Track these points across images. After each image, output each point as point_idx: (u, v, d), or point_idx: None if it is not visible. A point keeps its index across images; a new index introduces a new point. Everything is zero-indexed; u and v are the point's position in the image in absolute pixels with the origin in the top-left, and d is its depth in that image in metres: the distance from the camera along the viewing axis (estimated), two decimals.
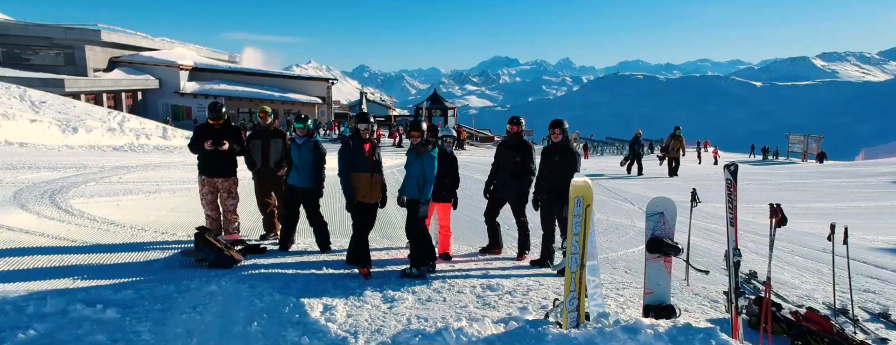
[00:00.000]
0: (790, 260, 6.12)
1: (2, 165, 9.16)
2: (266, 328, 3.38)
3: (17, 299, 3.55)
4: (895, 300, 4.75)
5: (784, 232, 7.32)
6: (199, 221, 5.55)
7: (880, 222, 8.40)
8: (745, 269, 4.97)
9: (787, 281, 5.18)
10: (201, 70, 38.65)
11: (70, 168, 9.28)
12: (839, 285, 4.58)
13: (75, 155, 11.65)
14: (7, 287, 3.82)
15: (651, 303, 3.51)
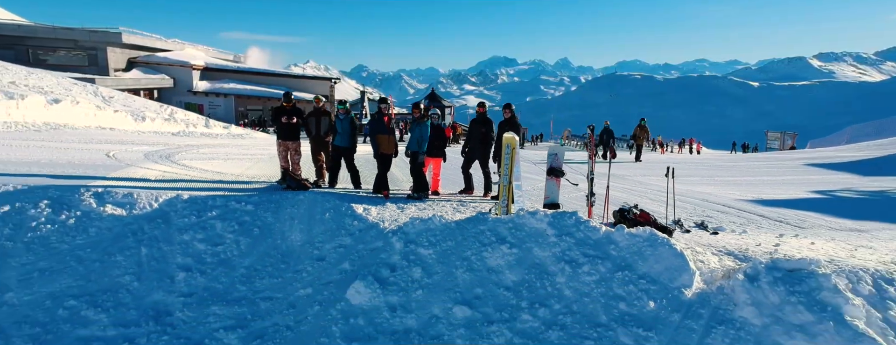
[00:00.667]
0: (669, 202, 8.83)
1: (113, 140, 12.09)
2: (332, 216, 6.09)
3: (205, 198, 6.30)
4: (719, 221, 7.48)
5: (684, 190, 10.05)
6: (269, 174, 8.23)
7: (766, 188, 11.13)
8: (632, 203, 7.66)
9: (656, 209, 7.89)
10: (212, 70, 41.34)
11: (157, 145, 12.08)
12: (688, 211, 7.33)
13: (151, 137, 14.41)
14: (194, 194, 6.51)
15: (547, 203, 6.21)
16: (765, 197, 9.76)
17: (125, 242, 5.41)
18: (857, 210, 8.78)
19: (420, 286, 5.34)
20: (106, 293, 4.93)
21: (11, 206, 5.50)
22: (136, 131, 14.29)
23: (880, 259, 5.67)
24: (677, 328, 4.87)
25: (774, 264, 5.12)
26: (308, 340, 4.89)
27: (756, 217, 7.98)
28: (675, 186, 10.72)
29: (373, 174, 7.76)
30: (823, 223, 7.77)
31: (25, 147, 9.61)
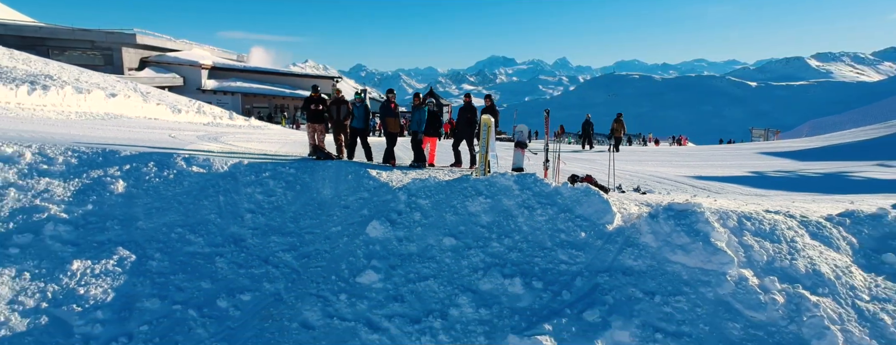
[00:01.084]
0: (620, 175, 10.93)
1: (164, 127, 14.23)
2: (353, 178, 8.18)
3: (259, 164, 8.39)
4: (654, 188, 9.58)
5: (641, 169, 12.16)
6: (299, 152, 10.31)
7: (709, 169, 13.27)
8: (580, 174, 9.75)
9: (606, 179, 10.00)
10: (219, 69, 43.38)
11: (199, 131, 14.15)
12: (633, 182, 9.43)
13: (190, 125, 16.42)
14: (250, 160, 8.57)
15: (514, 167, 8.32)
16: (703, 174, 11.89)
17: (208, 192, 7.48)
18: (771, 183, 10.90)
19: (419, 225, 7.44)
20: (199, 225, 7.00)
21: (131, 165, 7.56)
22: (175, 121, 16.28)
23: (755, 209, 7.78)
24: (599, 250, 6.98)
25: (669, 206, 7.24)
26: (340, 259, 6.98)
27: (686, 186, 10.09)
28: (636, 167, 12.86)
29: (381, 153, 9.89)
30: (737, 191, 9.87)
31: (112, 129, 11.66)
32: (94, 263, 6.08)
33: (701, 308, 6.23)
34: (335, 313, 6.23)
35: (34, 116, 11.45)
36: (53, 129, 10.34)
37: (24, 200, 6.58)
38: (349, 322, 6.15)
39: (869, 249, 7.04)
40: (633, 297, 6.32)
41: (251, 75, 44.40)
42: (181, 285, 6.21)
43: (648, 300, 6.29)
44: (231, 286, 6.37)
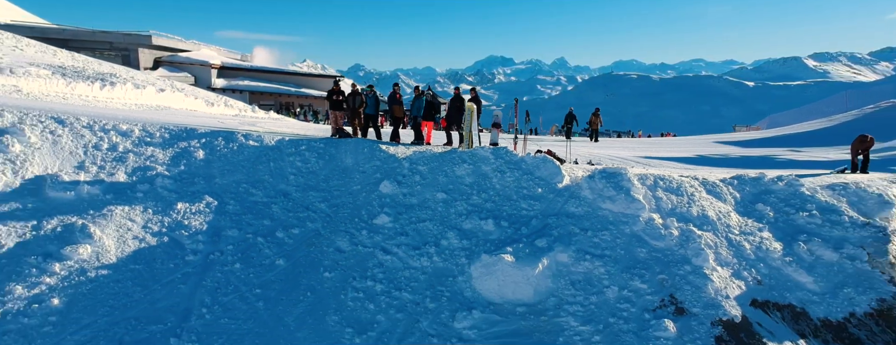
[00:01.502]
0: (583, 154, 13.53)
1: (207, 116, 16.68)
2: (368, 151, 10.79)
3: (296, 140, 10.96)
4: (605, 163, 12.18)
5: (603, 152, 14.75)
6: (322, 135, 12.88)
7: (662, 152, 15.88)
8: (543, 149, 12.33)
9: (566, 155, 12.60)
10: (227, 69, 45.86)
11: (237, 120, 16.49)
12: (590, 158, 12.05)
13: (223, 116, 18.82)
14: (288, 138, 11.12)
15: (491, 142, 10.92)
16: (653, 155, 14.51)
17: (262, 159, 10.05)
18: (705, 162, 13.51)
19: (418, 184, 10.02)
20: (257, 182, 9.57)
21: (206, 140, 10.12)
22: (211, 113, 18.71)
23: (671, 174, 10.39)
24: (551, 201, 9.58)
25: (603, 170, 9.85)
26: (360, 207, 9.56)
27: (631, 162, 12.70)
28: (601, 150, 15.46)
29: (387, 135, 12.51)
30: (672, 166, 12.48)
31: (173, 117, 14.11)
32: (191, 205, 8.65)
33: (619, 239, 8.83)
34: (359, 242, 8.82)
35: (108, 106, 13.88)
36: (134, 115, 12.82)
37: (139, 162, 9.14)
38: (369, 248, 8.74)
39: (747, 201, 9.65)
40: (572, 232, 8.91)
41: (257, 74, 46.88)
42: (250, 222, 8.80)
43: (582, 234, 8.88)
44: (284, 224, 8.96)
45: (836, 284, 8.35)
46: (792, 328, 7.88)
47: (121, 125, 9.79)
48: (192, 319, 7.07)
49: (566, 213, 9.30)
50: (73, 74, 15.08)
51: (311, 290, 7.90)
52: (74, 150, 8.88)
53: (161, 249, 7.80)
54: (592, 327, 7.60)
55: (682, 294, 8.00)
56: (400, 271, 8.35)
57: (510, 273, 8.16)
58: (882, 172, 12.73)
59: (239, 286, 7.73)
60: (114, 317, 6.72)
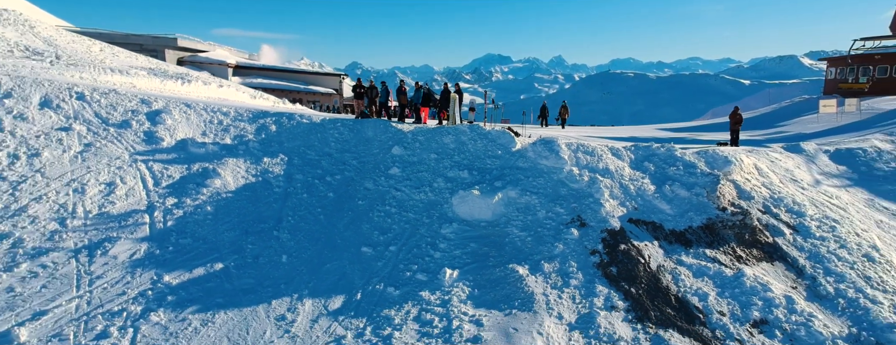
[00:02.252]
0: (542, 134, 18.42)
1: (253, 108, 21.40)
2: (383, 127, 15.72)
3: (331, 119, 15.86)
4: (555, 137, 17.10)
5: (557, 133, 19.60)
6: (349, 116, 17.75)
7: (609, 134, 20.73)
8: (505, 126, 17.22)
9: (527, 133, 17.49)
10: (241, 67, 50.62)
11: (279, 107, 21.24)
12: (547, 134, 16.99)
13: (267, 105, 23.53)
14: (326, 118, 16.00)
15: (468, 121, 15.79)
16: (594, 135, 19.38)
17: (312, 132, 14.88)
18: (633, 140, 18.39)
19: (418, 148, 14.89)
20: (310, 146, 14.41)
21: (274, 118, 14.97)
22: (256, 103, 23.32)
23: (590, 142, 15.28)
24: (506, 159, 14.49)
25: (542, 138, 14.75)
26: (379, 163, 14.42)
27: (573, 139, 17.61)
28: (559, 132, 20.32)
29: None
30: (605, 143, 17.36)
31: (244, 104, 18.91)
32: (271, 159, 13.50)
33: (549, 183, 13.71)
34: (380, 184, 13.68)
35: (195, 97, 18.60)
36: (222, 103, 17.57)
37: (237, 131, 14.00)
38: (385, 188, 13.59)
39: (638, 160, 14.54)
40: (519, 178, 13.78)
41: (270, 73, 51.68)
42: (309, 171, 13.66)
43: (526, 179, 13.76)
44: (330, 172, 13.81)
45: (684, 209, 13.24)
46: (651, 235, 12.74)
47: (222, 108, 14.61)
48: (283, 222, 11.91)
49: (516, 166, 14.18)
50: (161, 74, 19.83)
51: (351, 210, 12.76)
52: (199, 123, 13.70)
53: (258, 184, 12.64)
54: (527, 233, 12.47)
55: (585, 215, 12.87)
56: (407, 201, 13.21)
57: (477, 202, 13.03)
58: (758, 146, 17.66)
59: (307, 207, 12.58)
60: (241, 218, 11.56)
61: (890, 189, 15.42)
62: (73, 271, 9.16)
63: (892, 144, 17.37)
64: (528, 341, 9.69)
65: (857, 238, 12.96)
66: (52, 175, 10.70)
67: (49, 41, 20.11)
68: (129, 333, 8.53)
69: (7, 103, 12.03)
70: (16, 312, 8.26)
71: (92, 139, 12.02)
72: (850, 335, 10.68)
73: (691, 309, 11.14)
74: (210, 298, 9.69)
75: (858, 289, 11.62)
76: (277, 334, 9.21)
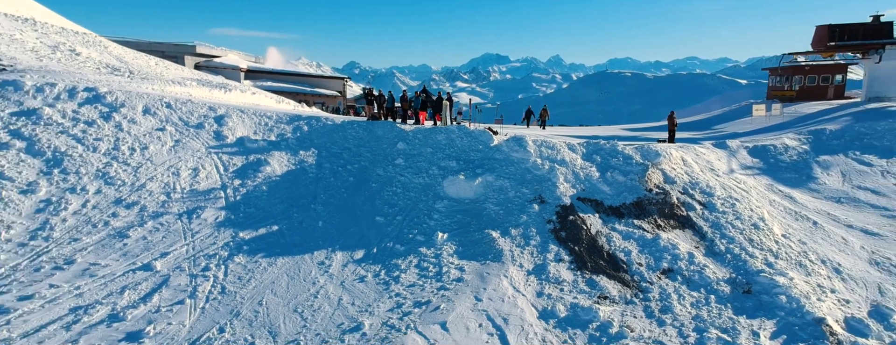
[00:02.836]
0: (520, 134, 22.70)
1: (289, 112, 25.65)
2: (389, 127, 20.05)
3: (350, 122, 20.18)
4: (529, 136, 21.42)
5: (535, 133, 23.91)
6: (361, 118, 22.00)
7: (578, 132, 24.99)
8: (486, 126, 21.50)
9: (505, 132, 21.78)
10: (252, 71, 54.78)
11: (305, 111, 25.49)
12: (522, 134, 21.37)
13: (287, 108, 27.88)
14: (345, 120, 20.30)
15: (457, 123, 20.08)
16: (566, 133, 23.65)
17: (335, 131, 19.09)
18: (595, 137, 22.70)
19: (417, 144, 19.18)
20: (334, 142, 18.64)
21: (305, 120, 19.19)
22: (284, 108, 27.43)
23: (552, 140, 19.57)
24: (486, 152, 18.81)
25: (514, 136, 19.04)
26: (386, 155, 18.69)
27: (543, 136, 21.91)
28: (538, 132, 24.64)
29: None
30: (566, 140, 21.65)
31: (277, 108, 23.10)
32: (306, 152, 17.74)
33: (518, 170, 17.98)
34: (388, 171, 17.95)
35: (236, 105, 22.72)
36: (263, 108, 21.74)
37: (278, 131, 18.24)
38: (392, 174, 17.85)
39: (589, 153, 18.82)
40: (495, 167, 18.05)
41: (279, 76, 55.85)
42: (334, 161, 17.92)
43: (500, 168, 18.03)
44: (350, 162, 18.07)
45: (621, 191, 17.51)
46: (593, 209, 16.97)
47: (266, 113, 18.85)
48: (317, 199, 16.15)
49: (493, 158, 18.45)
50: (207, 84, 24.03)
51: (367, 190, 17.01)
52: (250, 125, 17.95)
53: (297, 170, 16.89)
54: (500, 208, 16.72)
55: (545, 194, 17.13)
56: (409, 184, 17.46)
57: (462, 185, 17.28)
58: (694, 143, 21.94)
59: (334, 188, 16.83)
60: (286, 195, 15.81)
61: (788, 176, 19.74)
62: (180, 227, 13.39)
63: (798, 141, 21.69)
64: (496, 281, 13.93)
65: (750, 212, 17.24)
66: (157, 162, 14.91)
67: (120, 59, 24.27)
68: (222, 268, 12.76)
69: (122, 111, 16.19)
70: (151, 251, 12.48)
71: (179, 137, 16.22)
72: (730, 278, 14.94)
73: (618, 261, 15.40)
74: (271, 248, 13.95)
75: (742, 248, 15.89)
76: (319, 273, 13.46)
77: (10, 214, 12.01)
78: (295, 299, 12.39)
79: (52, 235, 11.90)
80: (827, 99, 29.38)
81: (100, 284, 11.34)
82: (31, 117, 14.72)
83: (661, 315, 13.76)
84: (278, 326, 11.52)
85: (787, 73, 30.96)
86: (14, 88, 15.42)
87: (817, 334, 13.30)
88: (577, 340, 12.74)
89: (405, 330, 11.75)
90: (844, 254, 16.39)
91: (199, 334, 10.86)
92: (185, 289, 11.88)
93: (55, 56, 20.74)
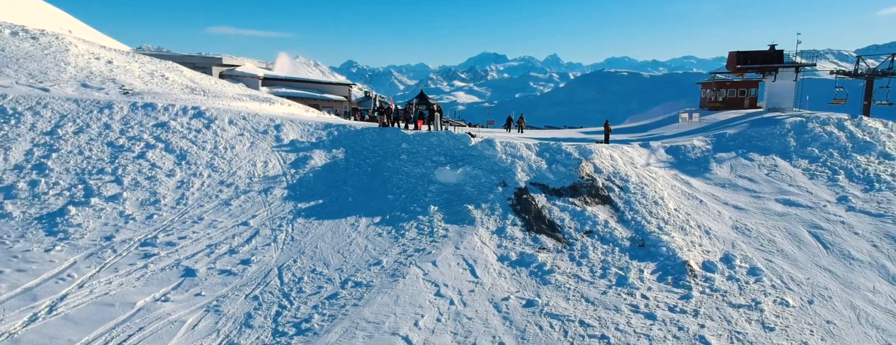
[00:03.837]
0: (498, 137, 30.04)
1: (323, 121, 32.94)
2: (396, 132, 27.44)
3: (365, 128, 27.60)
4: (504, 138, 28.80)
5: (509, 136, 31.25)
6: (373, 126, 29.27)
7: (546, 135, 32.26)
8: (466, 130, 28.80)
9: (483, 135, 29.10)
10: (268, 79, 62.00)
11: (330, 118, 32.71)
12: (500, 137, 28.81)
13: (318, 116, 35.14)
14: (363, 126, 27.63)
15: (445, 128, 27.40)
16: (532, 136, 30.96)
17: (357, 135, 26.32)
18: (557, 139, 30.04)
19: (416, 144, 26.52)
20: (355, 143, 25.90)
21: (337, 127, 26.42)
22: (313, 116, 34.49)
23: (515, 141, 26.91)
24: (466, 150, 26.19)
25: (486, 139, 26.38)
26: (394, 152, 26.02)
27: (514, 139, 29.25)
28: (509, 135, 32.08)
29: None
30: (527, 142, 28.97)
31: (310, 117, 30.29)
32: (336, 150, 25.02)
33: (489, 163, 25.31)
34: (395, 164, 25.28)
35: (281, 113, 29.75)
36: (302, 117, 28.94)
37: (317, 135, 25.49)
38: (398, 166, 25.17)
39: (541, 151, 26.15)
40: (472, 160, 25.38)
41: (291, 83, 63.06)
42: (356, 156, 25.22)
43: (476, 161, 25.36)
44: (368, 157, 25.38)
45: (561, 178, 24.81)
46: (541, 191, 24.20)
47: (308, 122, 26.09)
48: (347, 183, 23.42)
49: (471, 154, 25.74)
50: (256, 98, 31.24)
51: (380, 177, 24.28)
52: (298, 131, 25.19)
53: (331, 163, 24.16)
54: (475, 190, 24.00)
55: (507, 180, 24.40)
56: (410, 173, 24.73)
57: (448, 173, 24.57)
58: (625, 143, 29.23)
59: (358, 175, 24.10)
60: (325, 180, 23.08)
61: (690, 169, 27.03)
62: (260, 200, 20.63)
63: (704, 142, 28.99)
64: (470, 237, 21.17)
65: (654, 193, 24.50)
66: (241, 157, 22.13)
67: (192, 80, 31.40)
68: (289, 226, 20.00)
69: (217, 122, 23.38)
70: (245, 214, 19.73)
71: (253, 139, 23.43)
72: (631, 237, 22.17)
73: (555, 225, 22.67)
74: (318, 215, 21.20)
75: (643, 217, 23.14)
76: (351, 231, 20.71)
77: (163, 189, 19.25)
78: (337, 245, 19.64)
79: (187, 202, 19.14)
80: (744, 108, 36.69)
81: (220, 232, 18.60)
82: (165, 127, 21.97)
83: (581, 259, 20.96)
84: (328, 260, 18.76)
85: (715, 87, 38.36)
86: (152, 108, 22.74)
87: (682, 271, 20.52)
88: (522, 273, 19.94)
89: (408, 265, 18.96)
90: (715, 222, 23.69)
91: (281, 262, 18.11)
92: (269, 237, 19.14)
93: (154, 81, 27.95)
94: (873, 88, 35.02)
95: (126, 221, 17.82)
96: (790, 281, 20.27)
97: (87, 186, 18.66)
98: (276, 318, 15.13)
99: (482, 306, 17.07)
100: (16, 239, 15.82)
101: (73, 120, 21.61)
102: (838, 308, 18.72)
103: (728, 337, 16.43)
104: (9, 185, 17.89)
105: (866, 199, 24.98)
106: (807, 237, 23.03)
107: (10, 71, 25.09)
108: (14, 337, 12.85)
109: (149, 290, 15.27)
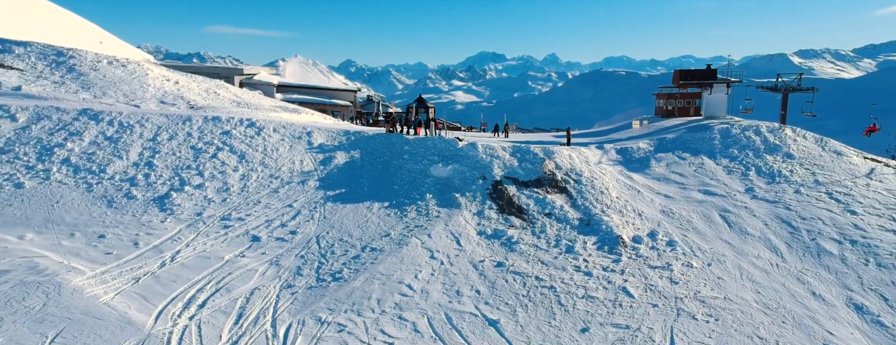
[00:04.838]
0: (484, 141, 37.42)
1: (342, 128, 40.27)
2: (400, 137, 34.85)
3: (375, 133, 35.06)
4: (487, 141, 36.21)
5: (489, 140, 38.67)
6: (381, 131, 36.63)
7: (525, 138, 39.59)
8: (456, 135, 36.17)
9: (468, 139, 36.51)
10: (281, 86, 69.30)
11: (347, 125, 40.02)
12: (484, 139, 36.34)
13: (335, 124, 42.40)
14: (373, 132, 35.04)
15: (437, 134, 34.79)
16: (510, 139, 38.30)
17: (369, 140, 33.62)
18: (538, 143, 37.40)
19: (416, 147, 33.90)
20: (367, 145, 33.23)
21: (354, 133, 33.71)
22: (332, 123, 41.55)
23: (493, 144, 34.30)
24: (455, 151, 33.63)
25: (470, 142, 33.81)
26: (398, 152, 33.40)
27: (495, 141, 36.64)
28: (491, 139, 39.60)
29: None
30: (504, 144, 36.34)
31: (330, 125, 37.50)
32: (354, 151, 32.36)
33: (472, 161, 32.69)
34: (399, 162, 32.66)
35: (307, 122, 36.80)
36: (326, 125, 36.13)
37: (338, 140, 32.80)
38: (401, 164, 32.53)
39: (514, 151, 33.52)
40: (459, 160, 32.77)
41: (302, 89, 70.33)
42: (369, 156, 32.59)
43: (462, 160, 32.75)
44: (378, 157, 32.76)
45: (529, 172, 32.17)
46: (512, 183, 31.50)
47: (331, 128, 33.36)
48: (362, 177, 30.77)
49: (458, 155, 33.11)
50: (283, 109, 38.48)
51: (388, 172, 31.62)
52: (324, 136, 32.49)
53: (350, 161, 31.49)
54: (461, 182, 31.38)
55: (486, 175, 31.75)
56: (411, 169, 32.08)
57: (441, 170, 31.94)
58: (583, 146, 36.59)
59: (371, 171, 31.45)
60: (346, 174, 30.42)
61: (634, 166, 34.34)
62: (300, 189, 27.97)
63: (648, 144, 36.30)
64: (457, 218, 28.53)
65: (602, 185, 31.82)
66: (284, 157, 29.46)
67: (236, 95, 38.57)
68: (322, 208, 27.34)
69: (264, 131, 30.64)
70: (290, 199, 27.07)
71: (292, 144, 30.73)
72: (580, 218, 29.51)
73: (522, 209, 30.03)
74: (342, 200, 28.55)
75: (591, 203, 30.49)
76: (367, 211, 28.06)
77: (231, 180, 26.62)
78: (357, 222, 26.99)
79: (249, 190, 26.50)
80: (690, 116, 44.09)
81: (273, 211, 25.93)
82: (229, 135, 29.31)
83: (540, 234, 28.28)
84: (351, 232, 26.08)
85: (668, 98, 45.85)
86: (218, 120, 30.11)
87: (616, 242, 27.75)
88: (495, 244, 27.22)
89: (410, 236, 26.25)
90: (648, 207, 31.05)
91: (318, 233, 25.41)
92: (308, 215, 26.46)
93: (209, 97, 35.25)
94: (787, 102, 42.29)
95: (209, 203, 25.18)
96: (697, 250, 27.52)
97: (181, 178, 26.07)
98: (318, 270, 22.36)
99: (464, 266, 24.23)
100: (142, 213, 23.19)
101: (166, 130, 29.01)
102: (728, 268, 25.97)
103: (643, 288, 23.54)
104: (132, 176, 25.31)
105: (767, 189, 32.37)
106: (717, 218, 30.36)
107: (112, 92, 32.74)
108: (155, 275, 20.13)
109: (231, 249, 22.57)
